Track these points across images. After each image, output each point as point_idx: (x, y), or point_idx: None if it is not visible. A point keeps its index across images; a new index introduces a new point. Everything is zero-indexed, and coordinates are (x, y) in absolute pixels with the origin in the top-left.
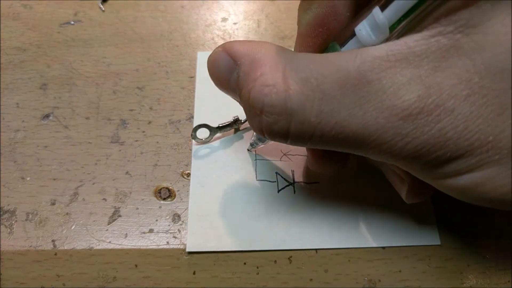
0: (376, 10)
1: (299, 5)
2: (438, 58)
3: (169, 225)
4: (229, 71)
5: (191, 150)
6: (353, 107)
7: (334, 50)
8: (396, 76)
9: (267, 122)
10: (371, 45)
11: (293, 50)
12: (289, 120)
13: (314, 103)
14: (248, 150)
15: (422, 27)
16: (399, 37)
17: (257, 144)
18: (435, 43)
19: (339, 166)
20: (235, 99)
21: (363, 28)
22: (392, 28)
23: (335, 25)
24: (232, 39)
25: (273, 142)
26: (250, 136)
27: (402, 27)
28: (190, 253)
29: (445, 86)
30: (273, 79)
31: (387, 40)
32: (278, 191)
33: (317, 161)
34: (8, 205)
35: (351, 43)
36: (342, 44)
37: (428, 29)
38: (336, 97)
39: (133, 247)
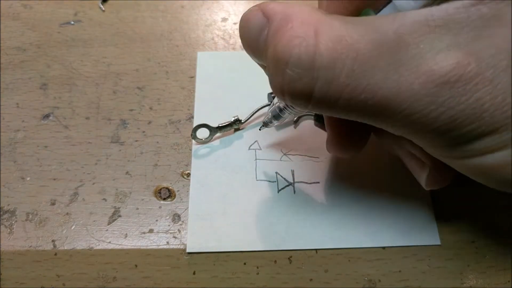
0: None
1: None
2: (478, 27)
3: (169, 225)
4: (259, 30)
5: (191, 150)
6: (388, 70)
7: (368, 15)
8: (435, 42)
9: (290, 78)
10: (409, 11)
11: None
12: (315, 77)
13: (346, 62)
14: (259, 129)
15: None
16: (438, 4)
17: (271, 122)
18: (475, 11)
19: (357, 149)
20: (259, 63)
21: None
22: None
23: None
24: (232, 39)
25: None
26: (250, 136)
27: None
28: (190, 253)
29: (484, 55)
30: (304, 32)
31: (424, 6)
32: (278, 191)
33: (337, 141)
34: (8, 205)
35: (386, 10)
36: (377, 11)
37: None
38: (371, 58)
39: (133, 247)
